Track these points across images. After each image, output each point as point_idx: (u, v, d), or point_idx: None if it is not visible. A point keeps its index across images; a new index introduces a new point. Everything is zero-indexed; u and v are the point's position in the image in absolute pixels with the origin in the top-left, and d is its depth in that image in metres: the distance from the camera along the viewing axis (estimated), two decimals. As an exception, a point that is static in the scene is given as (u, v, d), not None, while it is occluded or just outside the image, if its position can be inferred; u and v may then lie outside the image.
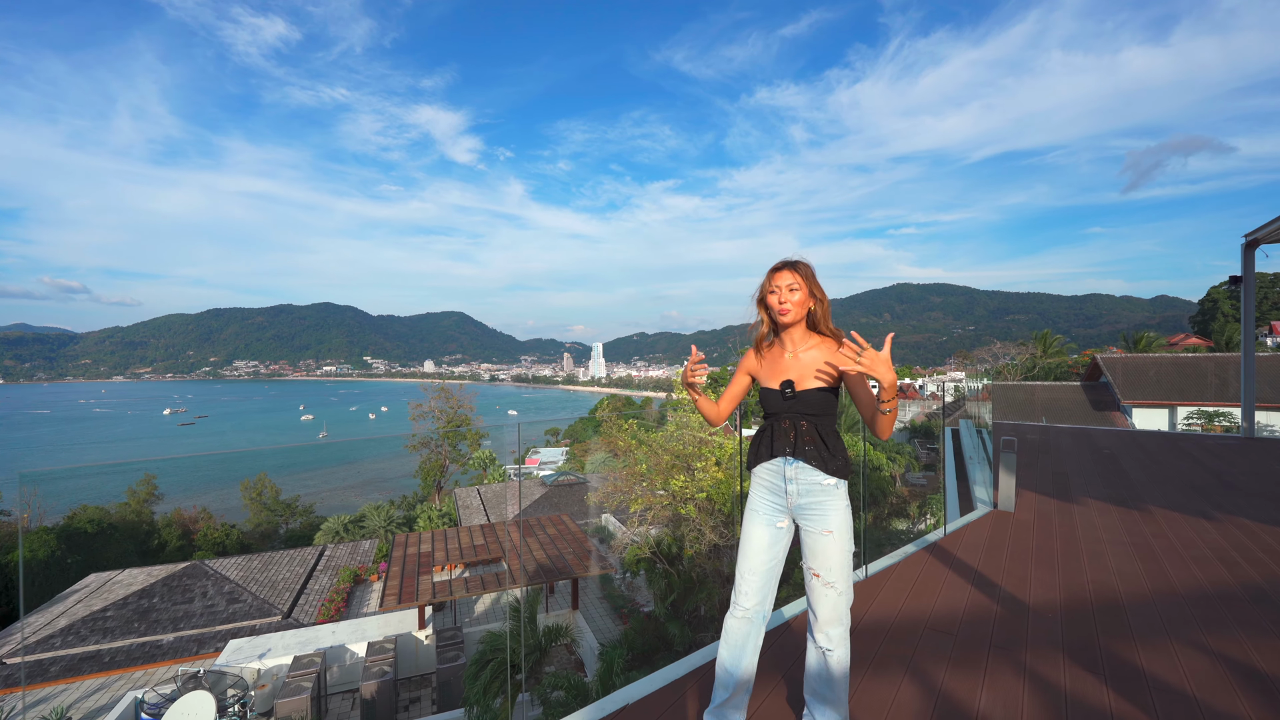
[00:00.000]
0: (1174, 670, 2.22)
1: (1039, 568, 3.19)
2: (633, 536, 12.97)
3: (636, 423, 13.95)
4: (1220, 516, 4.24)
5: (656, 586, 12.22)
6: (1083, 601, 2.74)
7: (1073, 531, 3.83)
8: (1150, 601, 2.76)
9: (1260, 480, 5.52)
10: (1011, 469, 4.17)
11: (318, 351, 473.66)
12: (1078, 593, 2.84)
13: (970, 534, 3.75)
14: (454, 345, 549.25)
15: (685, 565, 11.92)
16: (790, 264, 1.98)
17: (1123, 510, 4.37)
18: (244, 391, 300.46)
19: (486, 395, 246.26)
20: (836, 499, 1.93)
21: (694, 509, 11.80)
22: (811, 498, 1.94)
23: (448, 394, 39.72)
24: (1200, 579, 3.05)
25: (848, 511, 1.94)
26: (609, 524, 19.63)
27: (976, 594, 2.84)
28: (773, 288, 1.98)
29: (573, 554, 14.36)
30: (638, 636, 11.74)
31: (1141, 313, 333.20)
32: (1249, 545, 3.59)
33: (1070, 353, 46.82)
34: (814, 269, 2.00)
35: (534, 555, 14.37)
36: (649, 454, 13.05)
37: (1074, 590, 2.87)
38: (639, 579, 14.38)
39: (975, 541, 3.60)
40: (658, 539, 12.49)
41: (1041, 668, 2.25)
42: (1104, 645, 2.35)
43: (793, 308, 1.94)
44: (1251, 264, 7.62)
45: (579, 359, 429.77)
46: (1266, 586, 2.93)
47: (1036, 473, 5.74)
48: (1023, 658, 2.32)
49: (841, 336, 1.93)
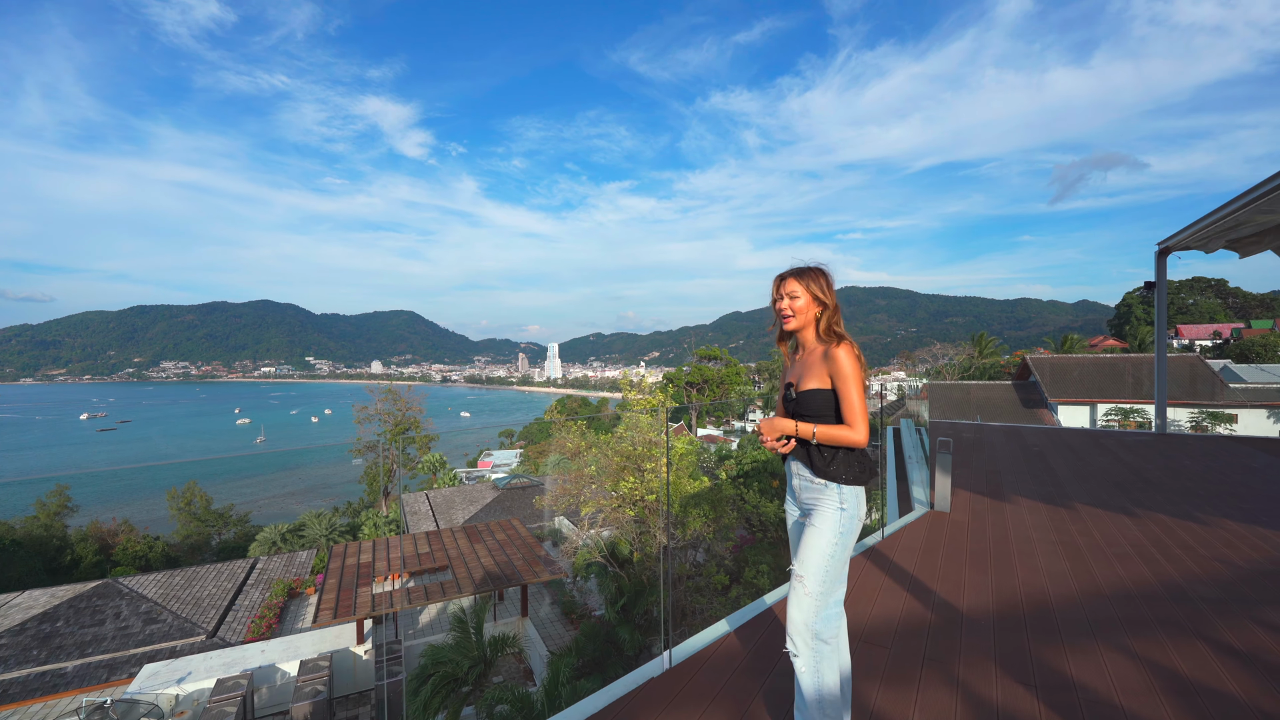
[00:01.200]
0: (1101, 677, 2.22)
1: (973, 570, 3.20)
2: (583, 540, 12.74)
3: (584, 424, 13.76)
4: (1139, 512, 4.41)
5: (607, 591, 12.05)
6: (1014, 605, 2.75)
7: (1005, 531, 3.90)
8: (1078, 602, 2.80)
9: (1173, 476, 5.83)
10: (947, 469, 4.23)
11: (255, 352, 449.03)
12: (1009, 596, 2.86)
13: (907, 536, 3.75)
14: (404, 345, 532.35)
15: (635, 568, 11.80)
16: (794, 272, 2.07)
17: (1051, 508, 4.50)
18: (173, 394, 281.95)
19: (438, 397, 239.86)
20: (827, 498, 1.97)
21: (643, 510, 11.71)
22: (809, 494, 2.04)
23: (395, 396, 38.43)
24: (1124, 577, 3.13)
25: (841, 514, 1.95)
26: (563, 527, 19.32)
27: (911, 601, 2.81)
28: (777, 295, 2.08)
29: (522, 560, 13.99)
30: (588, 642, 11.54)
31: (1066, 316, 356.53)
32: (1166, 541, 3.74)
33: (1003, 353, 49.46)
34: (828, 276, 2.07)
35: (481, 562, 13.93)
36: (598, 456, 12.89)
37: (1006, 593, 2.89)
38: (590, 583, 14.18)
39: (912, 544, 3.61)
40: (609, 542, 12.33)
41: (973, 680, 2.21)
42: (1035, 653, 2.34)
43: (794, 314, 2.04)
44: (1164, 270, 8.10)
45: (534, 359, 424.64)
46: (1184, 584, 3.02)
47: (972, 471, 5.89)
48: (955, 671, 2.27)
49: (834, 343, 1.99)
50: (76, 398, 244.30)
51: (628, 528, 12.40)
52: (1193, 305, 65.54)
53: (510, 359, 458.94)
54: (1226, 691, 2.11)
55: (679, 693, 2.18)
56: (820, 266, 2.08)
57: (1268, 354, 37.86)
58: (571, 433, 13.34)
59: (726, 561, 13.22)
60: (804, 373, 2.02)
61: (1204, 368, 24.75)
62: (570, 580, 15.05)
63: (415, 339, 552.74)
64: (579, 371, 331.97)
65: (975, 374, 39.43)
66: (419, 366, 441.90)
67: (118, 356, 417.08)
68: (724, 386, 49.71)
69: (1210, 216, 5.67)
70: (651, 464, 12.43)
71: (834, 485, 1.95)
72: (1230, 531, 3.98)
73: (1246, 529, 4.04)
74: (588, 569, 12.53)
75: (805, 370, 2.02)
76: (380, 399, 38.03)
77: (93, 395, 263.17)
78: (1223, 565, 3.29)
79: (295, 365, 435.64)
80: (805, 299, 2.02)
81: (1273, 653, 2.35)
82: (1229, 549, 3.60)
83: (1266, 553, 3.54)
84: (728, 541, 13.15)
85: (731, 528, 13.37)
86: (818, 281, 2.03)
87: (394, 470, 36.56)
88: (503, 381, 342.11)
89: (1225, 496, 5.00)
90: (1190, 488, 5.32)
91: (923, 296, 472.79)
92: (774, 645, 2.50)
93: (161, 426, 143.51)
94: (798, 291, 2.02)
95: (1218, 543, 3.72)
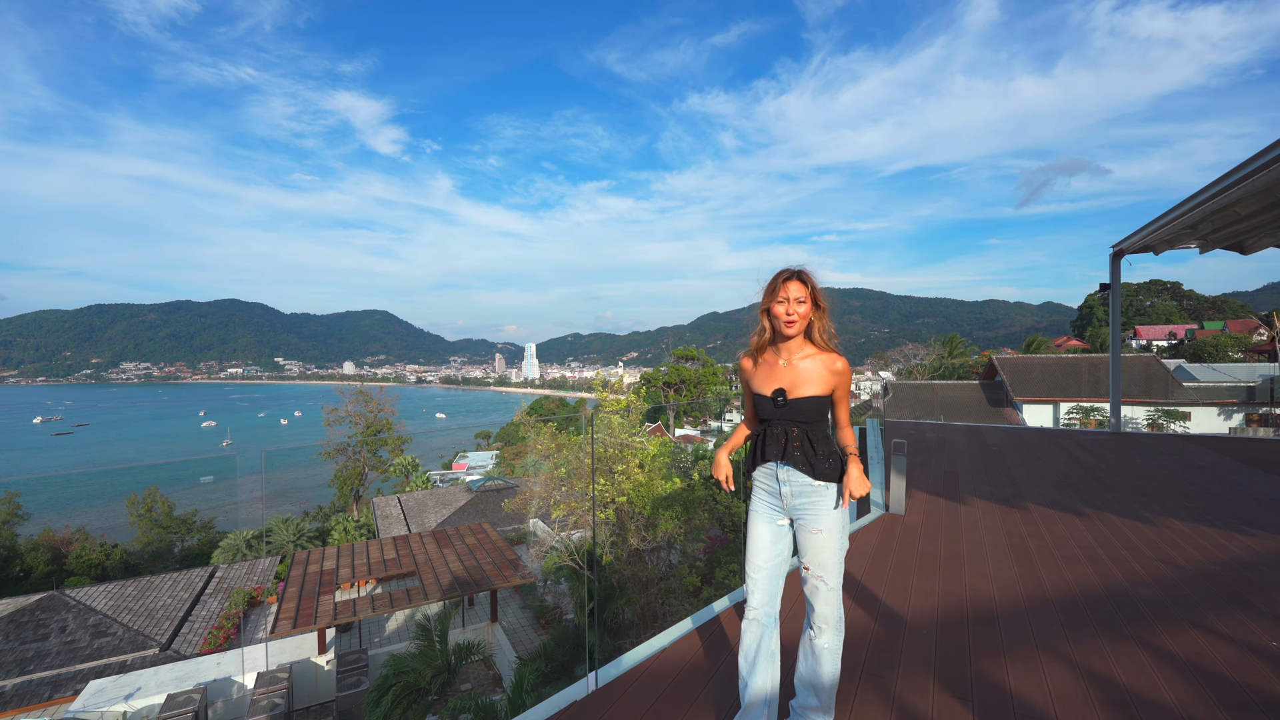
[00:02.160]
0: (1039, 689, 2.18)
1: (921, 575, 3.17)
2: (553, 543, 12.58)
3: (554, 425, 13.58)
4: (1090, 513, 4.46)
5: (577, 594, 11.91)
6: (959, 612, 2.71)
7: (958, 534, 3.89)
8: (1023, 609, 2.77)
9: (1125, 475, 5.95)
10: (902, 471, 4.22)
11: (221, 352, 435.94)
12: (955, 602, 2.83)
13: (860, 540, 3.72)
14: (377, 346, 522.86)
15: (605, 571, 11.68)
16: (798, 274, 2.00)
17: (1004, 509, 4.52)
18: (133, 396, 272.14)
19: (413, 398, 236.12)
20: (827, 499, 1.99)
21: (613, 513, 11.59)
22: (804, 499, 2.03)
23: (367, 397, 37.64)
24: (1070, 581, 3.13)
25: (840, 512, 2.01)
26: (538, 529, 19.10)
27: (856, 610, 2.76)
28: (781, 298, 1.99)
29: (492, 564, 13.77)
30: (557, 647, 11.39)
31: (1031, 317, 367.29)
32: (1114, 542, 3.77)
33: (972, 354, 50.64)
34: (816, 277, 2.04)
35: (450, 568, 13.67)
36: (569, 458, 12.73)
37: (952, 600, 2.85)
38: (561, 586, 14.01)
39: (863, 549, 3.57)
40: (578, 544, 12.18)
41: (910, 695, 2.16)
42: (976, 665, 2.30)
43: (798, 319, 1.97)
44: (1118, 272, 8.31)
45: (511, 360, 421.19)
46: (1128, 586, 3.03)
47: (930, 471, 5.92)
48: (893, 685, 2.22)
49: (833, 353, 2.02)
50: (29, 401, 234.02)
51: (599, 530, 12.28)
52: (1150, 307, 68.06)
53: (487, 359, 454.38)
54: (1161, 701, 2.10)
55: (602, 717, 2.08)
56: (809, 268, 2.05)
57: (1219, 354, 39.45)
58: (542, 434, 13.15)
59: (698, 563, 13.18)
60: (797, 380, 1.99)
61: (1159, 367, 25.63)
62: (542, 584, 14.86)
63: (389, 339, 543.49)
64: (557, 372, 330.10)
65: (944, 374, 40.27)
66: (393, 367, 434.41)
67: (74, 357, 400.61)
68: (701, 387, 49.93)
69: (1158, 221, 5.81)
70: (622, 466, 12.32)
71: (832, 485, 1.99)
72: (1175, 531, 4.04)
73: (1191, 528, 4.11)
74: (558, 572, 12.37)
75: (798, 377, 2.00)
76: (351, 400, 37.20)
77: (47, 398, 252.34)
78: (1166, 566, 3.33)
79: (264, 366, 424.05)
80: (809, 304, 1.99)
81: (1207, 658, 2.35)
82: (1173, 549, 3.65)
83: (1209, 553, 3.59)
84: (699, 543, 13.12)
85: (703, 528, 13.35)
86: (816, 284, 2.01)
87: (364, 473, 35.85)
88: (479, 382, 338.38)
89: (1173, 495, 5.10)
90: (1140, 486, 5.42)
91: (895, 298, 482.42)
92: (710, 660, 2.43)
93: (121, 430, 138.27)
94: (803, 295, 1.98)
95: (1163, 543, 3.77)
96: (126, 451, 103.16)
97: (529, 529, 20.02)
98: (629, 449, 12.91)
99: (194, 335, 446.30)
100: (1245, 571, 3.28)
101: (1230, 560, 3.47)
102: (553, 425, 13.33)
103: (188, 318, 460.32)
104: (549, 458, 13.03)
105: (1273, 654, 2.36)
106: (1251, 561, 3.45)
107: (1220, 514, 4.47)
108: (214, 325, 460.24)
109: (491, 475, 32.97)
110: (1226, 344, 41.05)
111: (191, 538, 31.41)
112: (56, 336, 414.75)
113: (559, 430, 13.51)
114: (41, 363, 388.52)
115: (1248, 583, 3.13)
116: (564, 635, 11.56)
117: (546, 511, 13.07)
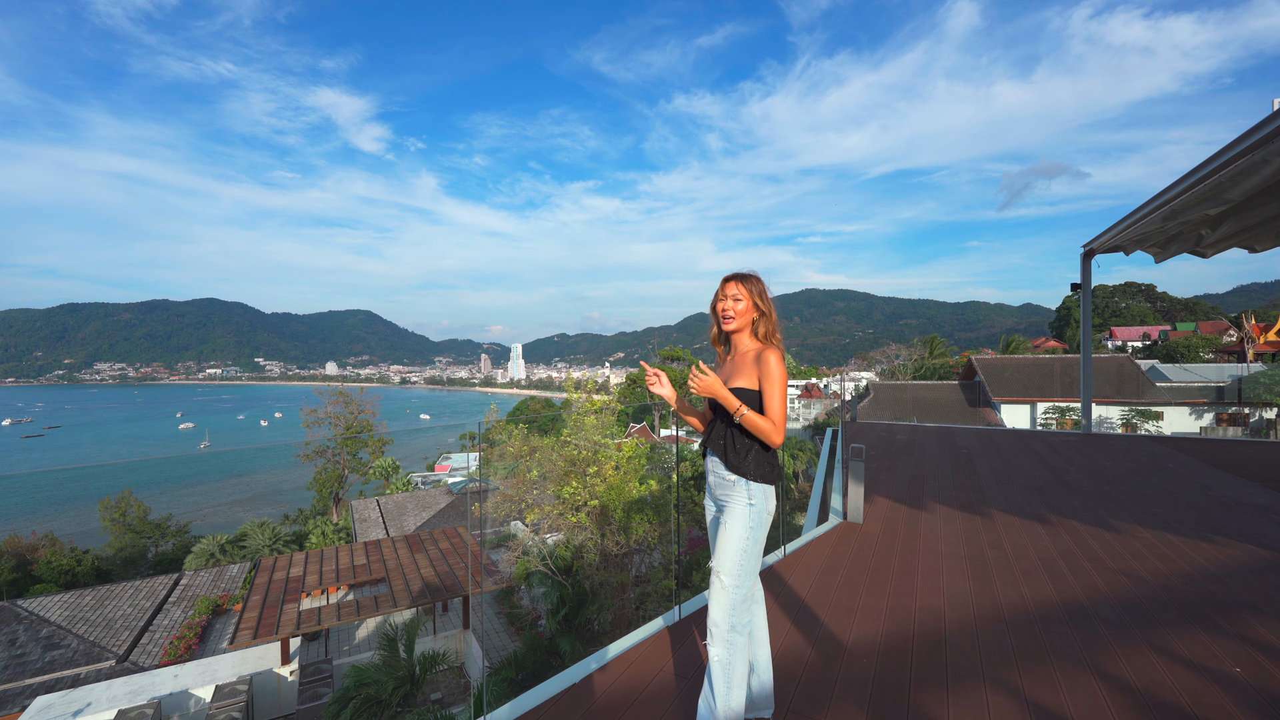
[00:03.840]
0: (981, 725, 1.99)
1: (870, 593, 2.98)
2: (524, 546, 12.30)
3: (527, 428, 13.30)
4: (1054, 520, 4.32)
5: (550, 600, 11.65)
6: (904, 637, 2.51)
7: (915, 544, 3.71)
8: (973, 631, 2.58)
9: (1092, 478, 5.84)
10: (860, 478, 4.04)
11: (200, 352, 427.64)
12: (902, 625, 2.63)
13: (810, 554, 3.52)
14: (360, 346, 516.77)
15: (578, 576, 11.43)
16: (738, 276, 2.13)
17: (967, 516, 4.36)
18: (108, 397, 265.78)
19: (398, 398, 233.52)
20: (739, 494, 2.02)
21: (585, 517, 11.35)
22: (721, 490, 2.12)
23: (346, 398, 37.05)
24: (1026, 598, 2.95)
25: (751, 510, 2.00)
26: (518, 531, 18.79)
27: (793, 635, 2.55)
28: (721, 296, 2.14)
29: (465, 570, 13.46)
30: (529, 655, 11.13)
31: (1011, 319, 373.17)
32: (1075, 553, 3.62)
33: (952, 354, 51.17)
34: (764, 284, 2.12)
35: (421, 573, 13.34)
36: (541, 460, 12.47)
37: (899, 621, 2.66)
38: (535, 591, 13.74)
39: (813, 562, 3.37)
40: (550, 550, 11.92)
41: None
42: (914, 700, 2.11)
43: (735, 316, 2.09)
44: (1089, 272, 8.25)
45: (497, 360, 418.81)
46: (1087, 604, 2.87)
47: (896, 476, 5.76)
48: (823, 724, 2.01)
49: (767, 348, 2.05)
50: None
51: (572, 534, 12.04)
52: (1125, 309, 69.37)
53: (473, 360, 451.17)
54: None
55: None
56: (758, 274, 2.13)
57: (1190, 355, 40.23)
58: (514, 437, 12.88)
59: (674, 566, 12.99)
60: (733, 372, 2.09)
61: (1131, 367, 25.97)
62: (517, 590, 14.58)
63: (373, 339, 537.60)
64: (544, 372, 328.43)
65: (925, 374, 40.58)
66: (377, 368, 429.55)
67: (46, 358, 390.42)
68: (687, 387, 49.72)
69: (1126, 220, 5.73)
70: (595, 468, 12.09)
71: (743, 481, 2.01)
72: (1140, 540, 3.91)
73: (1155, 536, 3.98)
74: (527, 578, 12.11)
75: (734, 370, 2.09)
76: (330, 401, 36.57)
77: (17, 399, 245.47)
78: (1129, 580, 3.18)
79: (244, 367, 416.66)
80: (746, 303, 2.08)
81: (1166, 688, 2.18)
82: (1137, 560, 3.51)
83: (1173, 564, 3.45)
84: (675, 546, 12.93)
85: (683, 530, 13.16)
86: (757, 287, 2.10)
87: (344, 476, 35.25)
88: (465, 383, 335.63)
89: (1139, 500, 4.99)
90: (1107, 490, 5.31)
91: (879, 299, 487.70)
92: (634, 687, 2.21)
93: (94, 432, 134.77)
94: (740, 294, 2.09)
95: (1127, 553, 3.63)
96: (99, 455, 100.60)
97: (510, 531, 19.72)
98: (603, 451, 12.69)
99: (171, 335, 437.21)
100: (1210, 585, 3.14)
101: (1195, 572, 3.33)
102: (524, 427, 13.04)
103: (165, 317, 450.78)
104: (520, 460, 12.77)
105: (1237, 682, 2.20)
106: (1216, 574, 3.32)
107: (1186, 521, 4.36)
108: (192, 325, 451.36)
109: (473, 477, 32.55)
110: (1198, 345, 41.89)
111: (166, 542, 30.60)
112: (27, 336, 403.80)
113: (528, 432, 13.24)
114: (11, 363, 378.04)
115: (1212, 598, 2.99)
116: (536, 642, 11.30)
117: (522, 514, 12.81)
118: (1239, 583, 3.17)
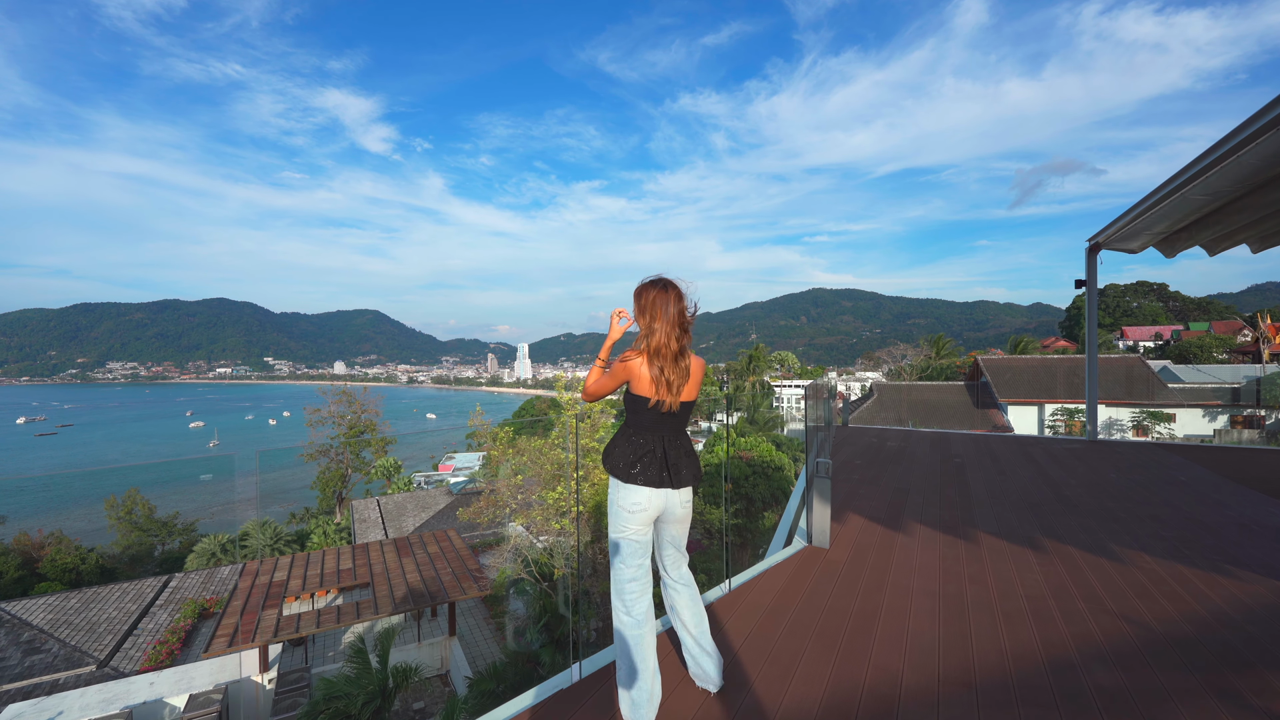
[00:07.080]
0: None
1: (817, 646, 2.52)
2: (508, 553, 11.95)
3: (513, 429, 12.94)
4: (1049, 545, 3.87)
5: (532, 608, 11.30)
6: (846, 711, 2.06)
7: (884, 577, 3.25)
8: (934, 700, 2.13)
9: (1095, 493, 5.37)
10: (826, 498, 3.58)
11: (210, 352, 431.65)
12: (847, 694, 2.17)
13: (760, 587, 3.04)
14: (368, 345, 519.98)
15: (562, 584, 11.07)
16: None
17: (949, 541, 3.90)
18: (119, 396, 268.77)
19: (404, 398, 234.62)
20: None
21: (569, 523, 10.98)
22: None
23: (350, 397, 36.97)
24: (1005, 651, 2.49)
25: (610, 495, 2.14)
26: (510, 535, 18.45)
27: (712, 706, 2.10)
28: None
29: (452, 575, 13.12)
30: (510, 665, 10.80)
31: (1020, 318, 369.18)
32: (1070, 589, 3.16)
33: (959, 354, 50.37)
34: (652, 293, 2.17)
35: (407, 579, 13.00)
36: (526, 463, 12.12)
37: (843, 688, 2.20)
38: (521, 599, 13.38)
39: (761, 600, 2.90)
40: (533, 556, 11.56)
41: None
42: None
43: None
44: (1094, 267, 7.75)
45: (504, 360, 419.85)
46: (1078, 660, 2.42)
47: (878, 490, 5.30)
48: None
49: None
50: (12, 401, 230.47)
51: (558, 540, 11.67)
52: (1136, 308, 68.16)
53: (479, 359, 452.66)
54: None
55: None
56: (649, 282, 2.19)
57: (1204, 355, 39.29)
58: (499, 440, 12.52)
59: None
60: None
61: (1142, 368, 25.26)
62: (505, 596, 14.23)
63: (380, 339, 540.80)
64: (550, 372, 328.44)
65: (932, 374, 39.88)
66: (384, 367, 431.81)
67: (59, 357, 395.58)
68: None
69: (1131, 212, 5.26)
70: (582, 471, 11.71)
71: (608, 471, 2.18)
72: (1146, 572, 3.44)
73: (1164, 568, 3.52)
74: (516, 585, 11.76)
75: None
76: (334, 401, 36.52)
77: (31, 398, 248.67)
78: (1130, 627, 2.71)
79: (253, 366, 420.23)
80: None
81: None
82: (1141, 599, 3.05)
83: (1185, 605, 2.97)
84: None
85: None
86: (637, 301, 2.19)
87: (347, 475, 35.18)
88: (471, 382, 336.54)
89: (1147, 521, 4.53)
90: (1110, 509, 4.84)
91: (887, 298, 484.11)
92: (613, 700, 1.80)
93: (106, 430, 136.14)
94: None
95: (1130, 590, 3.17)
96: (111, 453, 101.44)
97: (504, 534, 19.42)
98: (591, 455, 12.31)
99: (182, 334, 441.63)
100: (1227, 633, 2.67)
101: (1211, 616, 2.85)
102: (510, 429, 12.69)
103: (176, 317, 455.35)
104: (508, 462, 12.43)
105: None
106: (1237, 619, 2.82)
107: (1201, 547, 3.88)
108: (202, 324, 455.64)
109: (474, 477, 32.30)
110: (1212, 345, 40.94)
111: (173, 540, 30.61)
112: (41, 336, 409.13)
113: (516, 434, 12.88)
114: (25, 362, 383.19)
115: (1231, 654, 2.50)
116: (517, 653, 10.96)
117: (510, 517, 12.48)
118: (1262, 630, 2.69)
